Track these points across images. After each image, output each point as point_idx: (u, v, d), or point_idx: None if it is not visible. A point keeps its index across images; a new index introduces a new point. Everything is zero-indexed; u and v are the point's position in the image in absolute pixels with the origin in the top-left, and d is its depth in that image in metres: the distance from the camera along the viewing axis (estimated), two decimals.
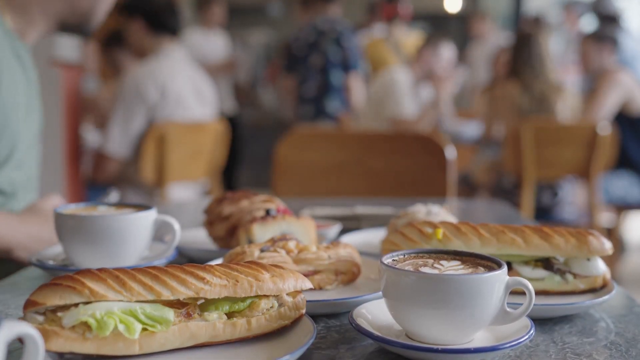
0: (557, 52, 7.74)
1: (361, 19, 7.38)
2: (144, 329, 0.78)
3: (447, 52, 4.80)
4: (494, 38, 7.47)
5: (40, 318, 0.76)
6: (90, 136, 4.46)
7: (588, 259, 1.06)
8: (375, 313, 0.90)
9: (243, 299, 0.84)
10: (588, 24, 6.69)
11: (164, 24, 3.61)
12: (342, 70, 5.41)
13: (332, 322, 0.97)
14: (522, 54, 4.19)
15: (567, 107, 4.17)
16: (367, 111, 4.83)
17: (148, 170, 3.52)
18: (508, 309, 0.83)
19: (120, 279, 0.78)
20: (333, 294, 1.06)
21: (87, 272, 0.79)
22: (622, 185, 4.57)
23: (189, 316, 0.81)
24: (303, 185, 2.59)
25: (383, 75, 4.85)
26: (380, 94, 4.70)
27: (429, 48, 4.75)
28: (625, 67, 4.97)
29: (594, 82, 4.70)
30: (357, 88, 5.52)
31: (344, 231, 1.60)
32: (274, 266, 0.89)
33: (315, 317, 0.97)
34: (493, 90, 4.53)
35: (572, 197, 4.29)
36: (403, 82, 4.65)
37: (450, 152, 2.54)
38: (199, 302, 0.83)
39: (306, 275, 1.04)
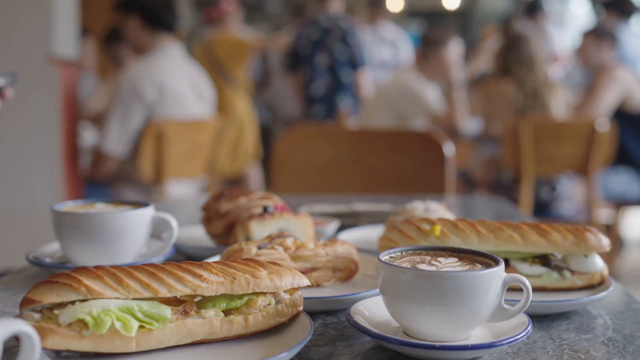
0: None
1: (364, 15, 7.32)
2: (141, 327, 0.78)
3: (454, 48, 4.72)
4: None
5: (37, 316, 0.76)
6: (88, 134, 4.46)
7: (586, 256, 1.06)
8: (373, 310, 0.90)
9: (240, 296, 0.84)
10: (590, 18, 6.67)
11: (161, 20, 3.61)
12: (350, 68, 5.38)
13: (329, 319, 0.97)
14: (512, 53, 4.19)
15: (561, 103, 4.18)
16: (374, 107, 4.75)
17: (146, 168, 3.51)
18: (505, 306, 0.83)
19: (117, 276, 0.78)
20: (330, 291, 1.06)
21: (84, 270, 0.79)
22: (621, 181, 4.57)
23: (186, 313, 0.81)
24: (301, 182, 2.59)
25: (394, 78, 4.80)
26: (394, 95, 4.57)
27: (435, 48, 4.64)
28: (625, 64, 4.96)
29: (593, 78, 4.70)
30: (366, 84, 5.50)
31: (341, 228, 1.60)
32: (271, 263, 0.89)
33: (312, 314, 0.97)
34: (488, 88, 4.53)
35: (571, 193, 4.29)
36: (418, 82, 4.59)
37: (449, 149, 2.54)
38: (196, 300, 0.82)
39: (304, 272, 1.04)
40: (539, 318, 0.96)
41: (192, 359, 0.80)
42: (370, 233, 1.47)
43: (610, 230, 4.74)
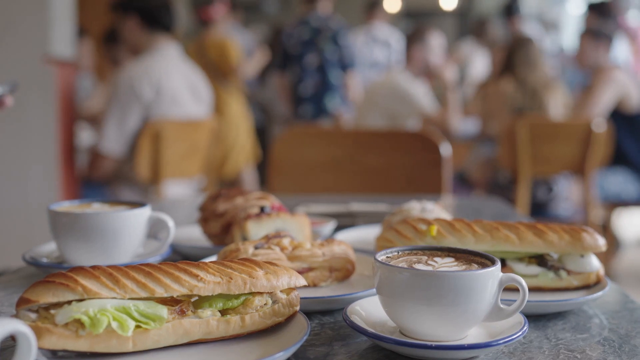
0: None
1: (360, 17, 7.31)
2: (138, 327, 0.78)
3: (436, 41, 4.69)
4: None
5: (33, 315, 0.76)
6: (86, 134, 4.45)
7: (582, 256, 1.06)
8: (369, 310, 0.90)
9: (237, 296, 0.84)
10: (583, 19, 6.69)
11: (159, 20, 3.61)
12: (339, 69, 5.38)
13: (326, 319, 0.97)
14: (518, 53, 4.20)
15: (559, 104, 4.19)
16: (364, 107, 4.72)
17: (143, 168, 3.51)
18: (502, 306, 0.83)
19: (113, 276, 0.78)
20: (327, 290, 1.06)
21: (81, 270, 0.79)
22: (617, 181, 4.58)
23: (182, 313, 0.81)
24: (298, 182, 2.59)
25: (385, 78, 4.77)
26: (385, 96, 4.50)
27: (417, 43, 4.64)
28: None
29: (590, 78, 4.71)
30: (355, 86, 5.50)
31: (338, 228, 1.60)
32: (268, 263, 0.89)
33: (309, 314, 0.97)
34: (486, 88, 4.53)
35: (568, 193, 4.30)
36: (410, 83, 4.55)
37: (446, 149, 2.54)
38: (192, 300, 0.82)
39: (300, 272, 1.04)
40: (535, 318, 0.97)
41: (188, 359, 0.80)
42: (367, 233, 1.47)
43: (606, 230, 4.74)
